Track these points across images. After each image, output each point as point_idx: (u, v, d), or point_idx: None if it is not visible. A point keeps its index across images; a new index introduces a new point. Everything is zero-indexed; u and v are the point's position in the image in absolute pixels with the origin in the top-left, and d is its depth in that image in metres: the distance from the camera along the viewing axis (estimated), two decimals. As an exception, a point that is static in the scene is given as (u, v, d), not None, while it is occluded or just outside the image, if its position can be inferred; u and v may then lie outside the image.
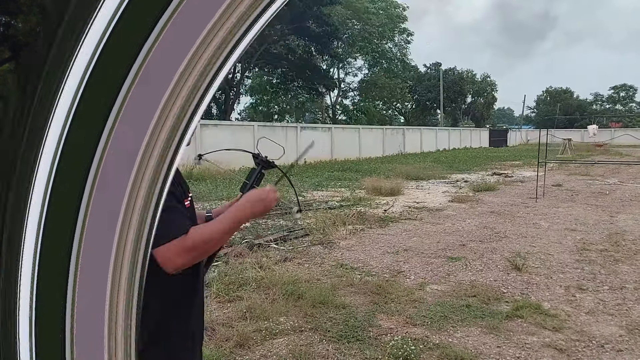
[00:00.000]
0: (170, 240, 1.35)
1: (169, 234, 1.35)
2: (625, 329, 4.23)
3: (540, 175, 13.11)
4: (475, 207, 11.05)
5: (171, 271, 1.37)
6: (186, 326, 1.55)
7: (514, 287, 5.35)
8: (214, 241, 1.44)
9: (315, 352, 3.76)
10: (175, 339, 1.52)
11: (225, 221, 1.47)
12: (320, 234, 7.88)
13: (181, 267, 1.38)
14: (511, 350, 3.84)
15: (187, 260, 1.39)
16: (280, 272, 5.65)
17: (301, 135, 23.93)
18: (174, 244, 1.35)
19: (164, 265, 1.35)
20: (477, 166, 23.41)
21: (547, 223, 9.00)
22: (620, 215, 9.78)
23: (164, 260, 1.35)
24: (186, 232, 1.38)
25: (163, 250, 1.34)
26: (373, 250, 7.02)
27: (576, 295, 5.11)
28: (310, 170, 19.27)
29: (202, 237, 1.40)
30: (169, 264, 1.36)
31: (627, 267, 6.12)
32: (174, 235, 1.36)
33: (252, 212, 1.54)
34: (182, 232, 1.37)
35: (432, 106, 56.44)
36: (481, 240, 7.60)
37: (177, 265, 1.37)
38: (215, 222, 1.46)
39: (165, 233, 1.33)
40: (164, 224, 1.34)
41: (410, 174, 17.68)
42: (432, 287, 5.39)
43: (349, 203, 11.15)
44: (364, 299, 4.95)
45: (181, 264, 1.38)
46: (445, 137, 40.40)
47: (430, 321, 4.37)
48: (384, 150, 30.88)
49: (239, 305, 4.67)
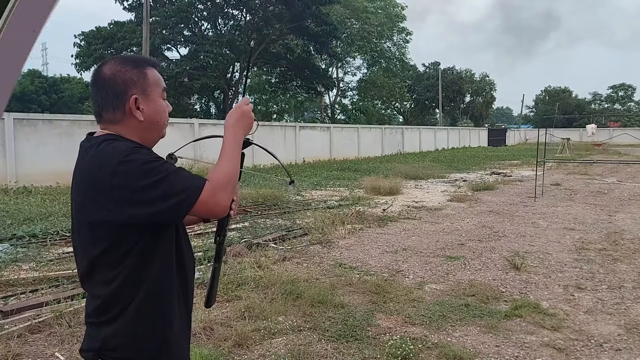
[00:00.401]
0: (199, 192, 1.37)
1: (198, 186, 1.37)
2: (623, 328, 4.23)
3: (539, 174, 13.12)
4: (474, 206, 11.05)
5: (223, 211, 1.42)
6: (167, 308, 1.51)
7: (513, 287, 5.35)
8: (233, 170, 1.47)
9: (314, 352, 3.76)
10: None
11: (228, 152, 1.49)
12: (319, 233, 7.87)
13: (228, 202, 1.42)
14: (510, 349, 3.83)
15: (227, 195, 1.42)
16: (279, 272, 5.65)
17: (300, 134, 23.92)
18: (205, 190, 1.37)
19: (213, 212, 1.40)
20: (475, 165, 23.41)
21: (545, 222, 9.00)
22: (618, 214, 9.78)
23: (212, 208, 1.39)
24: (204, 180, 1.40)
25: (202, 201, 1.36)
26: (372, 249, 7.01)
27: (575, 294, 5.11)
28: (308, 170, 19.26)
29: (221, 171, 1.44)
30: (218, 208, 1.40)
31: (626, 266, 6.12)
32: (200, 185, 1.38)
33: (243, 131, 1.57)
34: (202, 181, 1.39)
35: (430, 105, 56.42)
36: (480, 240, 7.60)
37: (224, 203, 1.41)
38: (221, 158, 1.48)
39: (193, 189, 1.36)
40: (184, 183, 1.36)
41: (409, 174, 17.68)
42: (430, 286, 5.39)
43: (347, 202, 11.14)
44: (362, 298, 4.95)
45: (225, 199, 1.41)
46: (444, 136, 40.39)
47: (429, 320, 4.37)
48: (382, 150, 30.87)
49: (237, 304, 4.67)
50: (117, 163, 1.33)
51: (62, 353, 3.75)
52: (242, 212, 9.76)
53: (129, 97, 1.46)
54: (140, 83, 1.49)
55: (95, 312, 1.45)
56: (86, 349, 1.47)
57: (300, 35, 32.32)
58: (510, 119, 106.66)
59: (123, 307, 1.41)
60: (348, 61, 47.92)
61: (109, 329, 1.42)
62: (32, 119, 13.99)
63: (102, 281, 1.42)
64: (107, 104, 1.47)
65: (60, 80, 49.53)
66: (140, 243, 1.40)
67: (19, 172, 13.08)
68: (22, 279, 5.43)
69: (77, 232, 1.47)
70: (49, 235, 7.41)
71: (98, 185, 1.35)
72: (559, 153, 29.90)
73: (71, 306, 4.48)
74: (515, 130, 57.80)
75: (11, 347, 3.75)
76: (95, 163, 1.38)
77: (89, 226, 1.40)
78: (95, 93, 1.49)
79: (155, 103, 1.52)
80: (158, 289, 1.46)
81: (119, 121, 1.47)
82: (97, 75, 1.49)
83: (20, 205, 9.99)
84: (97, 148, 1.40)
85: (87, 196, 1.39)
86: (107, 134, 1.47)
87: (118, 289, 1.40)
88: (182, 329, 1.56)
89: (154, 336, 1.46)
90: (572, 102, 71.76)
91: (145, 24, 19.39)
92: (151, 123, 1.51)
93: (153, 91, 1.52)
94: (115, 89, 1.46)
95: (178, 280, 1.53)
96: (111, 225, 1.37)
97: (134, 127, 1.49)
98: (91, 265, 1.42)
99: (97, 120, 1.52)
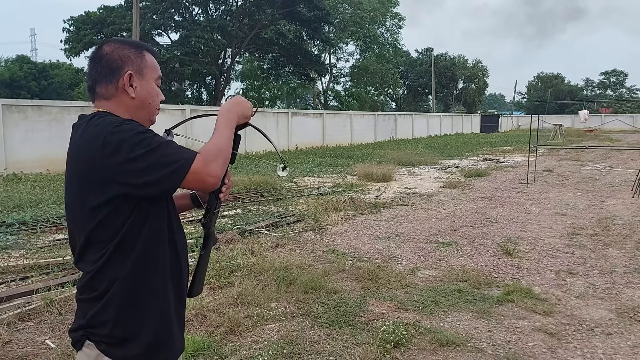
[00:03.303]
0: (191, 163, 1.34)
1: (189, 157, 1.35)
2: (615, 313, 4.26)
3: (531, 160, 13.15)
4: (466, 192, 11.07)
5: (215, 182, 1.39)
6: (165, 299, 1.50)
7: (505, 272, 5.37)
8: (223, 144, 1.45)
9: (307, 338, 3.75)
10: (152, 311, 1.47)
11: (219, 129, 1.48)
12: (311, 220, 7.86)
13: (220, 173, 1.40)
14: (502, 334, 3.85)
15: (219, 166, 1.40)
16: (272, 258, 5.63)
17: (292, 121, 23.81)
18: (197, 162, 1.35)
19: (205, 183, 1.37)
20: (468, 152, 23.45)
21: (537, 208, 9.03)
22: (610, 200, 9.84)
23: (203, 179, 1.36)
24: (195, 152, 1.38)
25: (194, 171, 1.34)
26: (365, 236, 7.01)
27: (566, 279, 5.13)
28: (301, 157, 19.21)
29: (211, 143, 1.42)
30: (209, 179, 1.37)
31: (617, 251, 6.16)
32: (191, 157, 1.35)
33: (236, 116, 1.56)
34: (194, 153, 1.37)
35: (423, 92, 56.33)
36: (472, 226, 7.61)
37: (216, 174, 1.38)
38: (212, 135, 1.46)
39: (185, 160, 1.34)
40: (175, 153, 1.34)
41: (402, 160, 17.68)
42: (423, 272, 5.39)
43: (340, 189, 11.13)
44: (355, 284, 4.95)
45: (216, 171, 1.39)
46: (436, 123, 40.36)
47: (422, 306, 4.37)
48: (375, 136, 30.82)
49: (230, 291, 4.65)
50: (107, 133, 1.33)
51: (52, 340, 3.72)
52: (234, 198, 9.72)
53: (123, 73, 1.48)
54: (137, 62, 1.52)
55: (86, 289, 1.44)
56: (75, 328, 1.46)
57: (293, 20, 31.99)
58: (503, 106, 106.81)
59: (111, 282, 1.40)
60: (341, 47, 47.56)
61: (97, 305, 1.41)
62: (22, 105, 13.81)
63: (94, 259, 1.41)
64: (102, 78, 1.49)
65: (49, 66, 48.87)
66: (132, 217, 1.39)
67: (8, 159, 12.93)
68: (12, 266, 5.38)
69: (72, 208, 1.46)
70: (39, 222, 7.34)
71: (91, 157, 1.35)
72: (551, 139, 30.02)
73: (62, 293, 4.44)
74: (507, 116, 57.84)
75: (1, 335, 3.72)
76: (86, 137, 1.39)
77: (83, 199, 1.39)
78: (92, 68, 1.51)
79: (149, 85, 1.54)
80: (148, 264, 1.44)
81: (112, 96, 1.49)
82: (97, 52, 1.53)
83: (9, 193, 9.89)
84: (87, 124, 1.42)
85: (80, 169, 1.39)
86: (98, 111, 1.48)
87: (107, 262, 1.40)
88: (172, 308, 1.53)
89: (142, 314, 1.44)
90: (564, 89, 71.95)
91: (135, 8, 19.13)
92: (142, 102, 1.52)
93: (148, 73, 1.54)
94: (112, 64, 1.49)
95: (170, 258, 1.51)
96: (104, 197, 1.35)
97: (126, 105, 1.50)
98: (87, 241, 1.41)
99: (90, 96, 1.54)
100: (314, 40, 36.57)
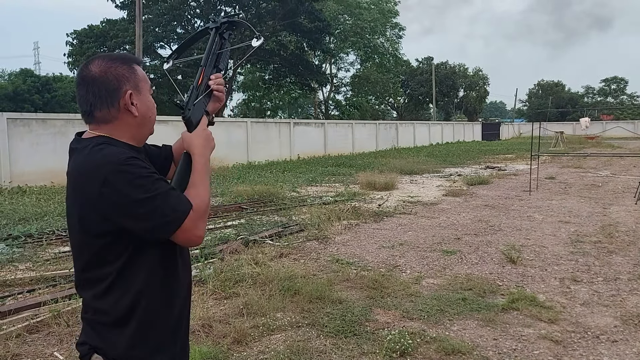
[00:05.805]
0: (185, 218, 1.39)
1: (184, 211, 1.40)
2: (620, 320, 4.27)
3: (533, 168, 13.17)
4: (469, 200, 11.09)
5: (198, 242, 1.45)
6: (170, 310, 1.52)
7: (509, 280, 5.38)
8: (207, 195, 1.50)
9: (313, 348, 3.77)
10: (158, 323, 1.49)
11: (203, 179, 1.52)
12: (315, 229, 7.88)
13: (204, 232, 1.45)
14: (507, 342, 3.86)
15: (204, 224, 1.46)
16: (276, 268, 5.65)
17: (294, 130, 23.89)
18: (189, 219, 1.40)
19: (191, 241, 1.43)
20: (470, 160, 23.46)
21: (541, 216, 9.04)
22: (613, 207, 9.84)
23: (190, 237, 1.42)
24: (191, 205, 1.42)
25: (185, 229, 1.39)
26: (368, 244, 7.03)
27: (571, 287, 5.14)
28: (303, 166, 19.25)
29: (201, 199, 1.46)
30: (195, 239, 1.43)
31: (621, 258, 6.17)
32: (186, 210, 1.40)
33: (210, 153, 1.60)
34: (189, 206, 1.41)
35: (424, 100, 56.42)
36: (476, 234, 7.63)
37: (202, 233, 1.44)
38: (197, 185, 1.50)
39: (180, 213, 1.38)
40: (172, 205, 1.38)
41: (404, 169, 17.71)
42: (428, 280, 5.41)
43: (343, 198, 11.15)
44: (360, 293, 4.96)
45: (203, 230, 1.45)
46: (438, 131, 40.41)
47: (427, 315, 4.39)
48: (377, 145, 30.87)
49: (235, 301, 4.67)
50: (109, 172, 1.33)
51: (60, 352, 3.74)
52: (237, 209, 9.75)
53: (123, 93, 1.46)
54: (132, 79, 1.49)
55: (90, 310, 1.46)
56: (82, 342, 1.48)
57: (294, 31, 32.21)
58: (504, 113, 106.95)
59: (115, 304, 1.42)
60: (341, 57, 47.85)
61: (102, 328, 1.44)
62: (26, 119, 13.89)
63: (95, 279, 1.43)
64: (101, 102, 1.45)
65: (52, 79, 49.17)
66: (128, 248, 1.41)
67: (13, 171, 13.00)
68: (19, 279, 5.42)
69: (72, 232, 1.48)
70: (44, 234, 7.38)
71: (90, 192, 1.36)
72: (552, 146, 30.02)
73: (69, 305, 4.47)
74: (509, 124, 57.90)
75: (10, 347, 3.75)
76: (87, 168, 1.38)
77: (83, 227, 1.41)
78: (86, 92, 1.45)
79: (146, 98, 1.54)
80: (150, 289, 1.46)
81: (113, 119, 1.47)
82: (85, 74, 1.46)
83: (15, 205, 9.94)
84: (88, 152, 1.40)
85: (80, 201, 1.40)
86: (98, 136, 1.46)
87: (110, 288, 1.42)
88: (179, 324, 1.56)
89: (146, 335, 1.46)
90: (565, 96, 72.01)
91: (137, 22, 19.29)
92: (144, 118, 1.52)
93: (143, 87, 1.53)
94: (108, 86, 1.44)
95: (173, 275, 1.53)
96: (103, 229, 1.38)
97: (128, 124, 1.49)
98: (86, 264, 1.44)
99: (86, 120, 1.50)
100: (315, 50, 36.84)
